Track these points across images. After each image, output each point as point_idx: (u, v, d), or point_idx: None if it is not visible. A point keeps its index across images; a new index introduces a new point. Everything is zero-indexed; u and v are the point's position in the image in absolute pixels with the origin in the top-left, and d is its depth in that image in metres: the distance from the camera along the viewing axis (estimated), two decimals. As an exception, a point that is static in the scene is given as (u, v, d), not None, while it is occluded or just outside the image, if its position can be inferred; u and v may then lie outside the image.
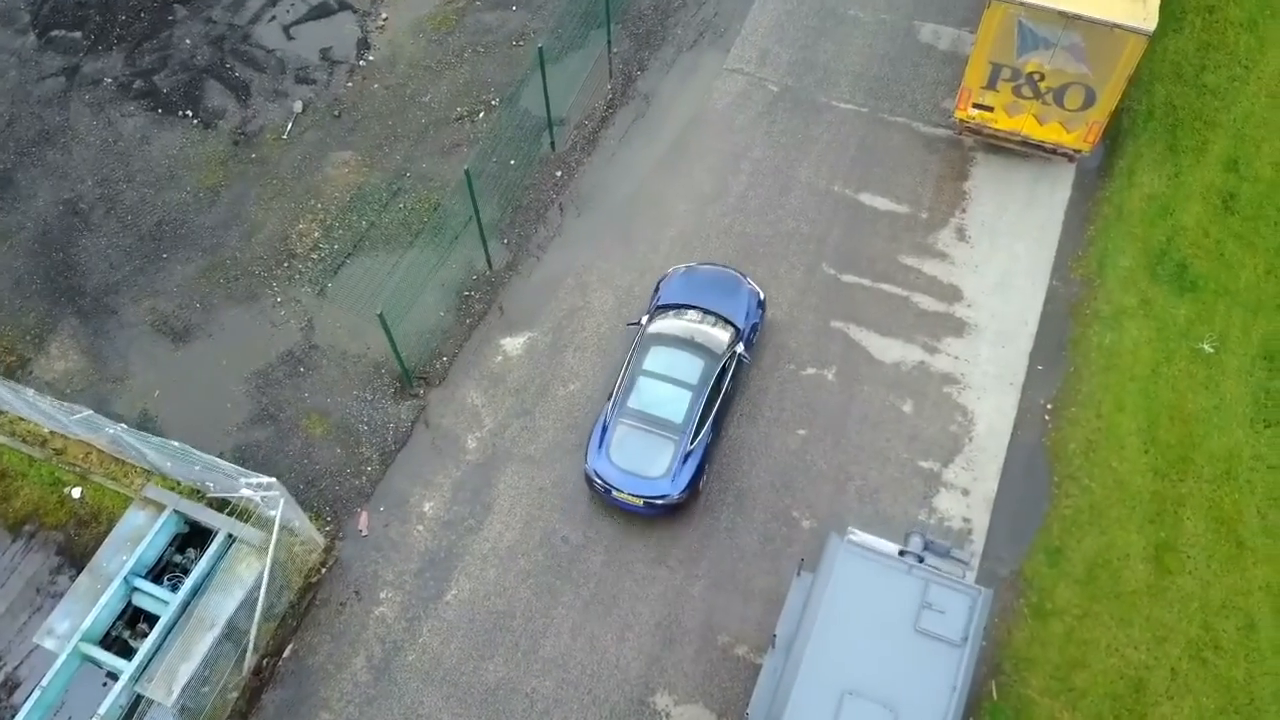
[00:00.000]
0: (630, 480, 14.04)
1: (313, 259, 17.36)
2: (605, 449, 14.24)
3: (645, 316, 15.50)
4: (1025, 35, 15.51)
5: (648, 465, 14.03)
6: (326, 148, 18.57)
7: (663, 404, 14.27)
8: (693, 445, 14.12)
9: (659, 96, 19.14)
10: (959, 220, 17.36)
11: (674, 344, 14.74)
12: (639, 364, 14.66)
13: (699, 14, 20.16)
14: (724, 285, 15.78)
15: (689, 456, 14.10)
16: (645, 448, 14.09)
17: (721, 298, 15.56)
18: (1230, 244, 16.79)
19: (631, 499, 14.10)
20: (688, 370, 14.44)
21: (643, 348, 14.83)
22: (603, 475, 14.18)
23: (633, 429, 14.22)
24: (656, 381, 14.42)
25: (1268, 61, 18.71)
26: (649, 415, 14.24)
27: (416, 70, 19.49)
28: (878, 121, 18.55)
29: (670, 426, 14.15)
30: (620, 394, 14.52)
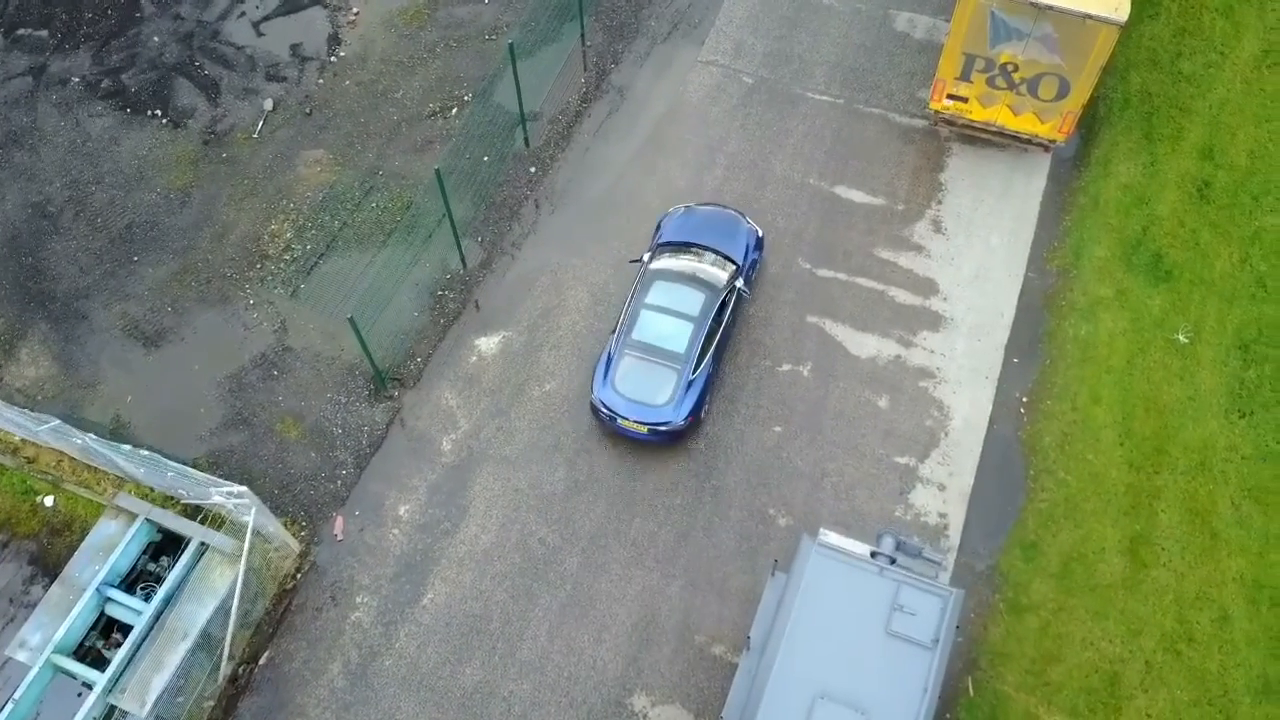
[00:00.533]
0: (635, 408, 14.58)
1: (285, 260, 17.21)
2: (610, 379, 14.78)
3: (647, 254, 15.81)
4: (998, 26, 15.40)
5: (652, 394, 14.58)
6: (298, 146, 18.38)
7: (665, 336, 14.79)
8: (695, 374, 14.67)
9: (633, 90, 18.98)
10: (935, 212, 17.29)
11: (675, 279, 15.18)
12: (642, 298, 15.11)
13: (673, 5, 19.97)
14: (723, 223, 16.24)
15: (691, 385, 14.64)
16: (649, 377, 14.64)
17: (721, 235, 15.99)
18: (1205, 233, 16.77)
19: (636, 426, 14.62)
20: (689, 303, 14.92)
21: (645, 283, 15.27)
22: (609, 404, 14.69)
23: (637, 360, 14.75)
24: (659, 314, 14.92)
25: (1243, 47, 18.64)
26: (652, 346, 14.76)
27: (388, 66, 19.28)
28: (853, 113, 18.43)
29: (673, 356, 14.67)
30: (624, 327, 15.01)
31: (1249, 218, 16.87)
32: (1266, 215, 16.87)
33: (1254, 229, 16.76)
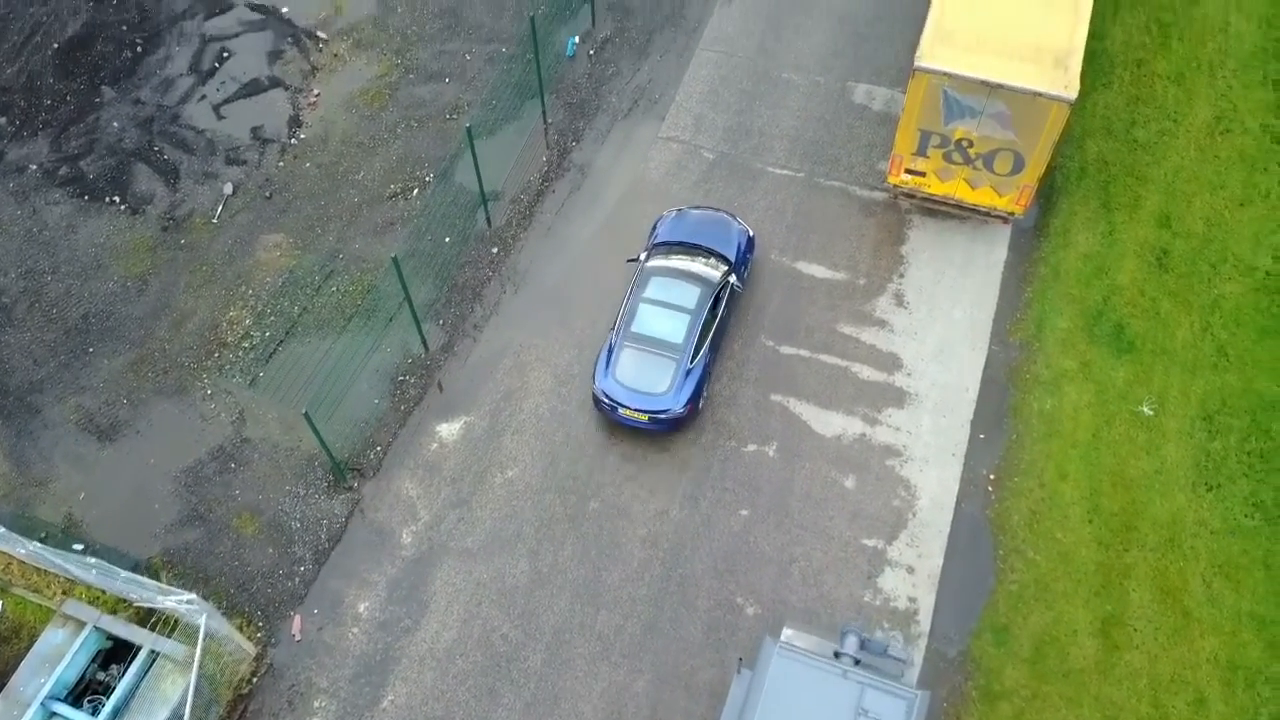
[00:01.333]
0: (636, 397, 15.21)
1: (243, 348, 16.99)
2: (611, 370, 15.45)
3: (643, 253, 16.57)
4: (951, 104, 15.52)
5: (652, 383, 15.22)
6: (257, 230, 18.26)
7: (663, 328, 15.47)
8: (692, 364, 15.33)
9: (595, 167, 18.99)
10: (897, 286, 17.28)
11: (672, 275, 15.93)
12: (640, 294, 15.84)
13: (633, 81, 20.08)
14: (715, 224, 17.03)
15: (689, 374, 15.29)
16: (649, 367, 15.29)
17: (713, 235, 16.76)
18: (1165, 302, 16.81)
19: (637, 415, 15.24)
20: (685, 297, 15.64)
21: (642, 280, 16.01)
22: (610, 394, 15.31)
23: (637, 351, 15.43)
24: (657, 308, 15.63)
25: (1195, 114, 18.86)
26: (651, 338, 15.45)
27: (349, 147, 19.24)
28: (813, 186, 18.49)
29: (671, 347, 15.34)
30: (623, 321, 15.72)
31: (1208, 286, 16.93)
32: (1225, 283, 16.94)
33: (1213, 297, 16.82)
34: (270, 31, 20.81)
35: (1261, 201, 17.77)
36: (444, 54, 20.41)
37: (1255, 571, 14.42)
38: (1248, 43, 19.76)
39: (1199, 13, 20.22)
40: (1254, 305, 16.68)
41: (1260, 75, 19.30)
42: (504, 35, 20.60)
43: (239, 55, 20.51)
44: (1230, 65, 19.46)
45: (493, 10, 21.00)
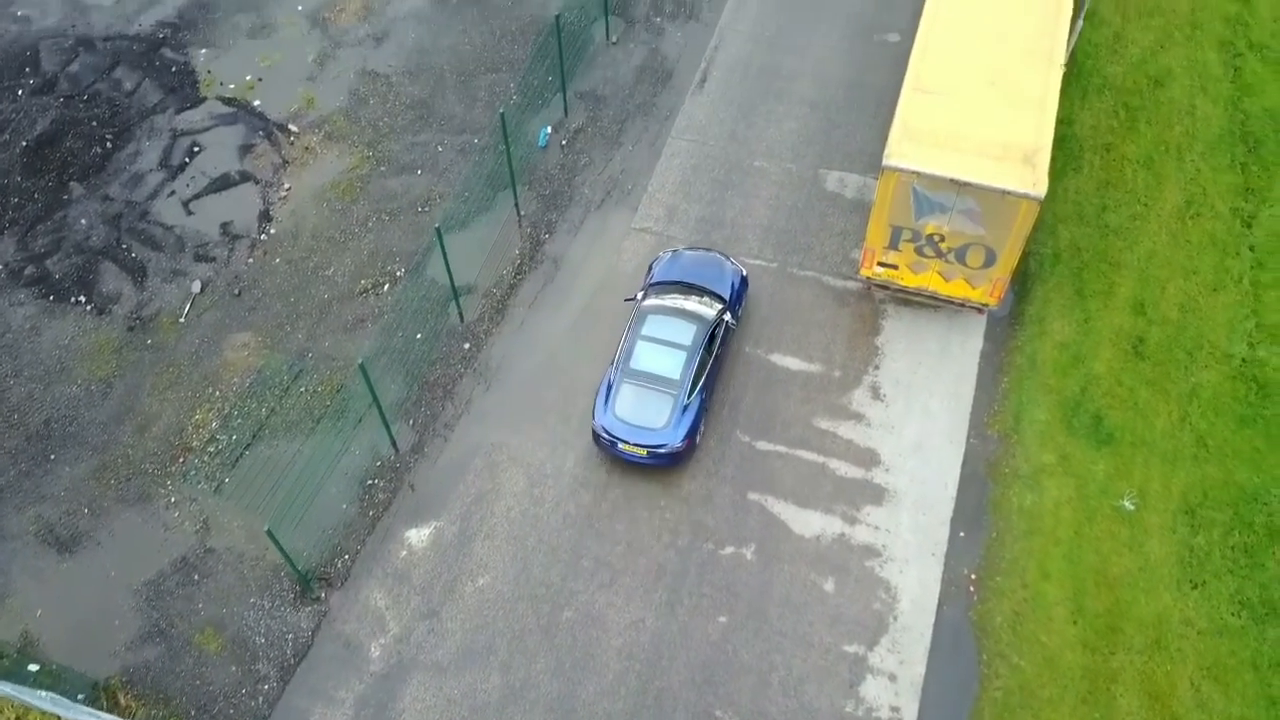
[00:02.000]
0: (635, 432, 15.53)
1: (209, 453, 16.63)
2: (611, 406, 15.77)
3: (640, 293, 17.01)
4: (921, 201, 15.50)
5: (650, 418, 15.55)
6: (225, 329, 18.01)
7: (661, 364, 15.83)
8: (689, 400, 15.68)
9: (568, 259, 18.88)
10: (873, 378, 17.12)
11: (668, 313, 16.33)
12: (637, 331, 16.22)
13: (605, 171, 20.07)
14: (709, 264, 17.57)
15: (686, 409, 15.65)
16: (647, 403, 15.63)
17: (708, 274, 17.27)
18: (1143, 391, 16.69)
19: (636, 449, 15.57)
20: (682, 334, 16.02)
21: (640, 318, 16.41)
22: (610, 430, 15.63)
23: (635, 387, 15.76)
24: (654, 345, 15.99)
25: (1165, 198, 18.94)
26: (649, 374, 15.79)
27: (320, 242, 19.10)
28: (787, 277, 18.40)
29: (669, 383, 15.70)
30: (622, 357, 16.09)
31: (1185, 374, 16.83)
32: (1201, 371, 16.85)
33: (1190, 385, 16.71)
34: (241, 125, 20.79)
35: (1234, 286, 17.77)
36: (416, 146, 20.39)
37: (1244, 673, 14.09)
38: (1214, 125, 19.95)
39: (1165, 96, 20.44)
40: (1231, 394, 16.57)
41: (1228, 158, 19.44)
42: (476, 126, 20.63)
43: (210, 149, 20.45)
44: (1198, 148, 19.62)
45: (464, 101, 21.06)
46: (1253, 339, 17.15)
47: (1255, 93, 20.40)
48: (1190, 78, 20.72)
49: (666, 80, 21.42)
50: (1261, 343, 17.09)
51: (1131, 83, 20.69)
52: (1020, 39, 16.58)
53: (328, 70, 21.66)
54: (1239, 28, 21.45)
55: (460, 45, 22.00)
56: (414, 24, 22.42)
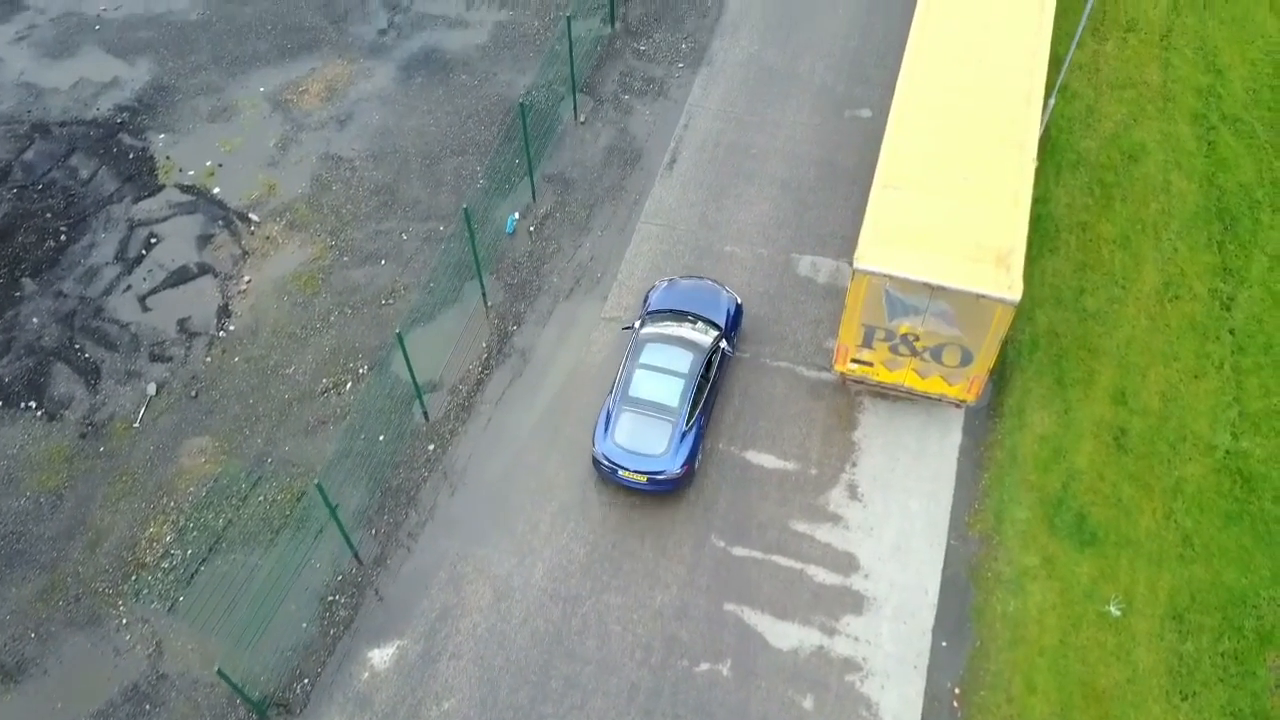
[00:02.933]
0: (634, 459, 15.75)
1: (163, 569, 15.97)
2: (610, 434, 15.98)
3: (638, 321, 17.24)
4: (894, 303, 15.11)
5: (649, 445, 15.77)
6: (182, 434, 17.40)
7: (659, 392, 16.06)
8: (687, 426, 15.90)
9: (536, 352, 18.40)
10: (850, 476, 16.65)
11: (666, 341, 16.61)
12: (636, 360, 16.46)
13: (575, 258, 19.64)
14: (705, 293, 17.86)
15: (685, 436, 15.87)
16: (646, 430, 15.85)
17: (703, 303, 17.56)
18: (1126, 487, 16.28)
19: (636, 476, 15.78)
20: (679, 362, 16.28)
21: (638, 346, 16.66)
22: (610, 457, 15.84)
23: (634, 414, 15.99)
24: (652, 373, 16.23)
25: (1143, 280, 18.66)
26: (648, 402, 16.02)
27: (280, 338, 18.55)
28: (760, 368, 17.97)
29: (667, 410, 15.94)
30: (620, 386, 16.34)
31: (1168, 468, 16.45)
32: (1185, 464, 16.47)
33: (1174, 480, 16.32)
34: (200, 214, 20.29)
35: (1215, 373, 17.44)
36: (380, 234, 19.93)
37: (1239, 793, 13.61)
38: (1189, 202, 19.73)
39: (1140, 172, 20.24)
40: (1216, 488, 16.19)
41: (1204, 237, 19.21)
42: (442, 212, 20.20)
43: (168, 240, 19.92)
44: (1174, 227, 19.38)
45: (429, 186, 20.64)
46: (1236, 428, 16.80)
47: (1229, 167, 20.22)
48: (1164, 152, 20.54)
49: (635, 161, 21.07)
50: (1245, 432, 16.74)
51: (1106, 158, 20.48)
52: (992, 128, 16.30)
53: (290, 155, 21.21)
54: (1211, 100, 21.33)
55: (425, 127, 21.61)
56: (377, 105, 22.03)
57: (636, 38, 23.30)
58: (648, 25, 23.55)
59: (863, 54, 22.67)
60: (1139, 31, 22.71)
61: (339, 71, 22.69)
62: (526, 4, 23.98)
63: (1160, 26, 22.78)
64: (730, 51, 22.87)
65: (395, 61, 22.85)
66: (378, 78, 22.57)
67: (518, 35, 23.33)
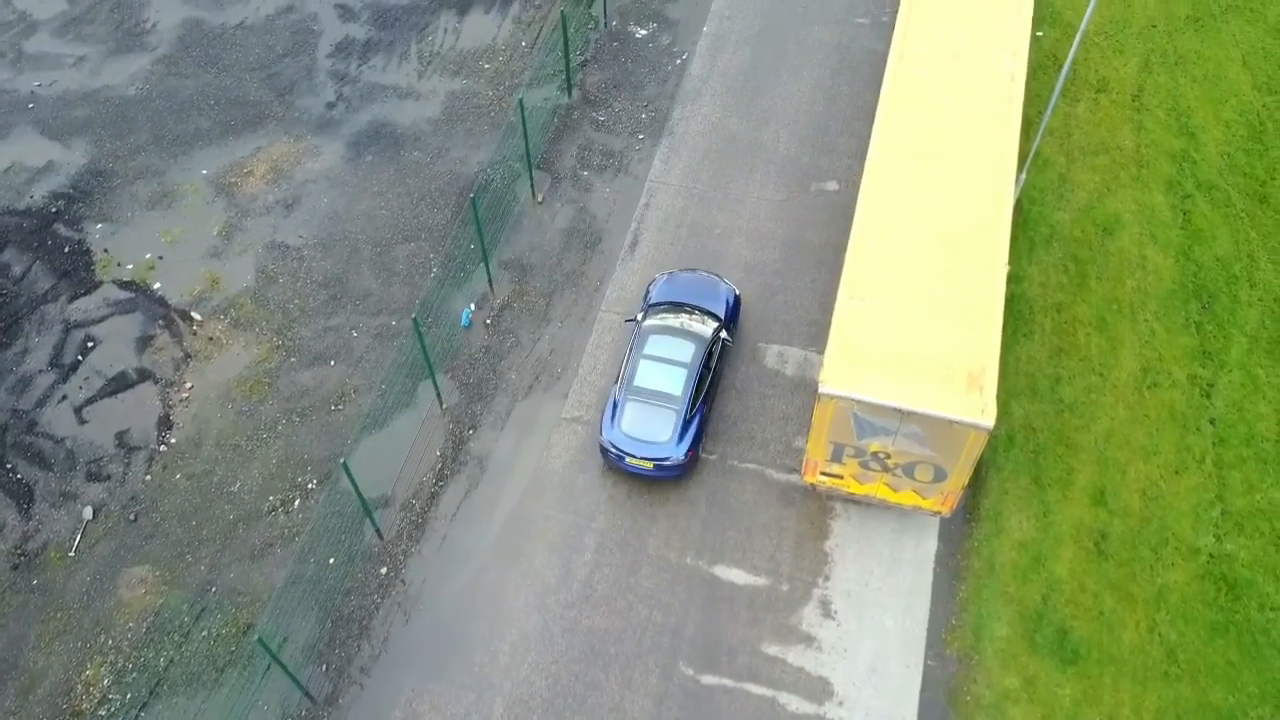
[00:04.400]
0: (640, 446, 16.33)
1: (101, 716, 15.10)
2: (617, 423, 16.54)
3: (640, 314, 17.76)
4: (862, 424, 14.43)
5: (655, 433, 16.35)
6: (120, 563, 16.50)
7: (663, 381, 16.61)
8: (691, 414, 16.47)
9: (493, 459, 17.60)
10: (823, 591, 15.97)
11: (668, 332, 17.11)
12: (640, 351, 16.99)
13: (533, 352, 18.85)
14: (704, 285, 18.38)
15: (688, 423, 16.47)
16: (651, 418, 16.41)
17: (703, 294, 18.11)
18: (1108, 597, 15.69)
19: (642, 463, 16.34)
20: (682, 352, 16.82)
21: (641, 338, 17.16)
22: (617, 445, 16.41)
23: (640, 404, 16.54)
24: (656, 363, 16.76)
25: (1121, 366, 18.07)
26: (652, 391, 16.57)
27: (225, 451, 17.66)
28: (728, 471, 17.25)
29: (671, 399, 16.51)
30: (626, 376, 16.85)
31: (1150, 575, 15.86)
32: (1168, 570, 15.89)
33: (1157, 588, 15.74)
34: (140, 313, 19.35)
35: (1196, 468, 16.88)
36: (329, 331, 19.07)
37: None
38: (1166, 279, 19.16)
39: (1114, 246, 19.66)
40: (1200, 596, 15.62)
41: (1182, 317, 18.64)
42: (394, 305, 19.35)
43: (105, 343, 18.98)
44: (1151, 306, 18.80)
45: (381, 276, 19.78)
46: (1219, 529, 16.24)
47: (1205, 240, 19.67)
48: (1139, 224, 19.96)
49: (596, 244, 20.29)
50: (1228, 534, 16.19)
51: (1080, 232, 19.88)
52: (961, 231, 15.62)
53: (234, 244, 20.30)
54: (1186, 165, 20.77)
55: (376, 211, 20.75)
56: (326, 187, 21.14)
57: (595, 107, 22.50)
58: (607, 93, 22.76)
59: (828, 120, 21.97)
60: (1110, 92, 22.12)
61: (285, 150, 21.77)
62: (480, 72, 23.14)
63: (1132, 86, 22.20)
64: (692, 120, 22.12)
65: (344, 138, 21.96)
66: (325, 156, 21.68)
67: (471, 106, 22.49)
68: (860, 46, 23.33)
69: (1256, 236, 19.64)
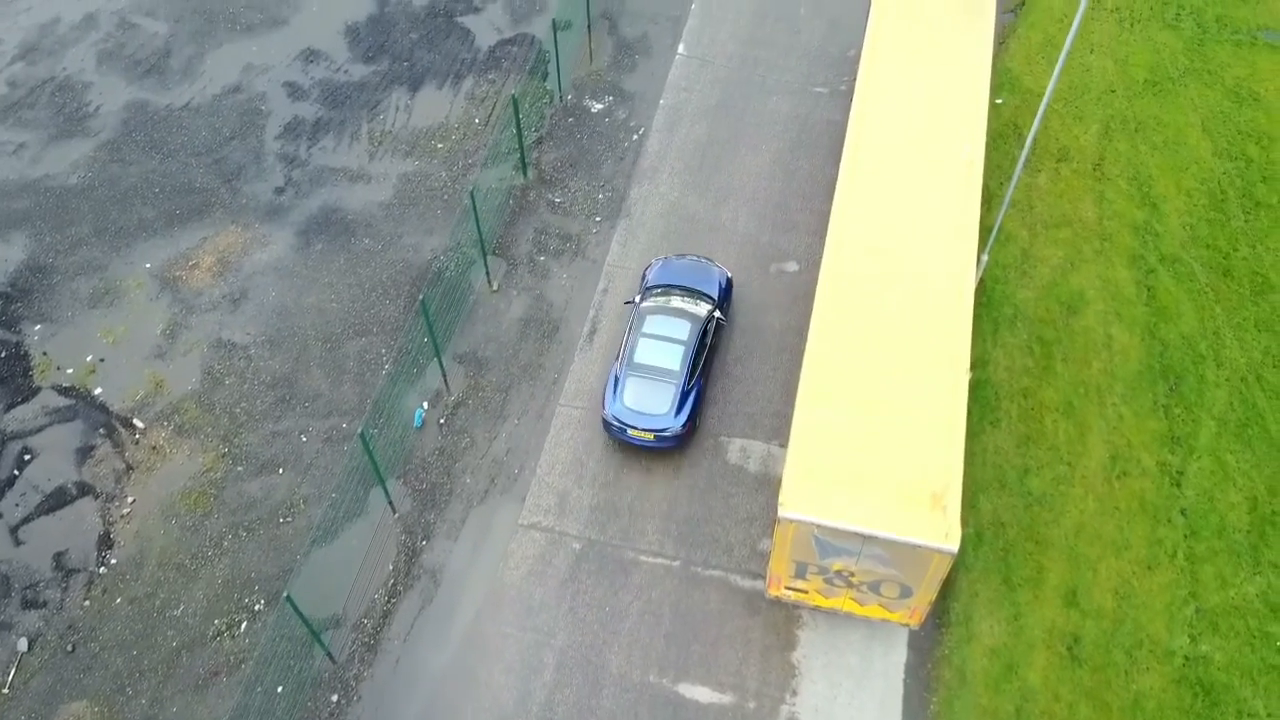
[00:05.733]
0: (641, 418, 17.32)
1: None
2: (619, 397, 17.50)
3: (638, 296, 18.79)
4: (824, 546, 13.96)
5: (654, 405, 17.33)
6: (57, 699, 15.74)
7: (661, 357, 17.62)
8: (688, 387, 17.46)
9: (448, 571, 16.98)
10: (790, 708, 15.44)
11: (665, 312, 18.11)
12: (639, 330, 17.97)
13: (489, 453, 18.28)
14: (697, 269, 19.38)
15: (686, 396, 17.46)
16: (651, 392, 17.38)
17: (697, 277, 19.09)
18: (1083, 707, 15.24)
19: (644, 434, 17.35)
20: (678, 330, 17.86)
21: (640, 318, 18.16)
22: (619, 418, 17.41)
23: (640, 379, 17.53)
24: (655, 341, 17.79)
25: (1090, 455, 17.71)
26: (651, 367, 17.59)
27: (168, 571, 16.96)
28: (691, 578, 16.73)
29: (669, 374, 17.51)
30: (626, 353, 17.83)
31: (1125, 681, 15.44)
32: (1143, 675, 15.48)
33: (1133, 695, 15.32)
34: (80, 422, 18.64)
35: (1169, 563, 16.51)
36: (277, 436, 18.43)
37: None
38: (1132, 359, 18.86)
39: (1079, 325, 19.35)
40: (1177, 704, 15.21)
41: (1150, 400, 18.33)
42: (345, 406, 18.75)
43: (43, 455, 18.26)
44: (1118, 389, 18.48)
45: (331, 374, 19.18)
46: (1194, 629, 15.86)
47: (1170, 317, 19.41)
48: (1104, 301, 19.68)
49: (553, 334, 19.79)
50: (1203, 634, 15.80)
51: (1044, 311, 19.57)
52: (921, 336, 15.20)
53: (178, 343, 19.64)
54: (1149, 238, 20.53)
55: (326, 304, 20.16)
56: (274, 279, 20.53)
57: (551, 187, 22.05)
58: (563, 172, 22.31)
59: (787, 197, 21.62)
60: (1071, 161, 21.90)
61: (232, 240, 21.17)
62: (433, 152, 22.65)
63: (1092, 155, 21.99)
64: (650, 200, 21.70)
65: (293, 225, 21.38)
66: (274, 246, 21.09)
67: (424, 189, 21.98)
68: (819, 117, 23.02)
69: (1221, 312, 19.40)
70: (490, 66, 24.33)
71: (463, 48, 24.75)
